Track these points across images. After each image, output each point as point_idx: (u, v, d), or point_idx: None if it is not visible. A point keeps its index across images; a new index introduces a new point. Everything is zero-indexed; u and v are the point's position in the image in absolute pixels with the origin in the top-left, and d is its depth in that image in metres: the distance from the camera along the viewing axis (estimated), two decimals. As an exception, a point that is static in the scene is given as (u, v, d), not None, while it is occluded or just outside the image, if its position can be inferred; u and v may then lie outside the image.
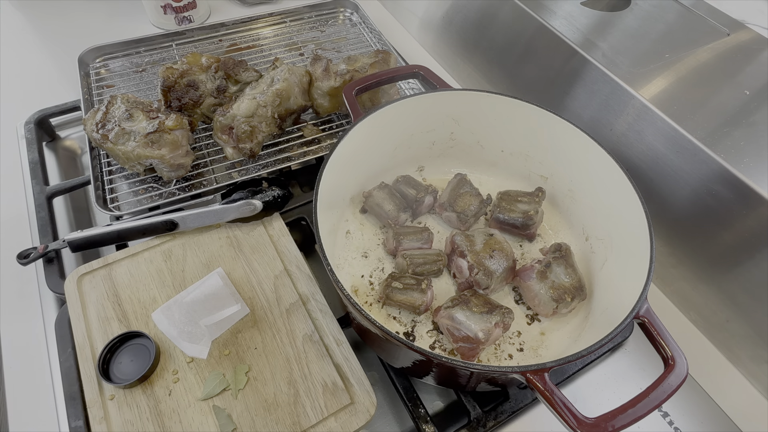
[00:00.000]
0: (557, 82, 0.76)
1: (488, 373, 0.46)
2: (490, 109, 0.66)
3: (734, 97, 0.63)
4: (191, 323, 0.55)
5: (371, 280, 0.63)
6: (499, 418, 0.56)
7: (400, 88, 0.87)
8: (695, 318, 0.67)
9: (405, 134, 0.68)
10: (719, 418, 0.59)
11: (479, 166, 0.74)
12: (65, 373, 0.55)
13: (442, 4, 0.97)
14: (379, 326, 0.44)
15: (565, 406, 0.40)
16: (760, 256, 0.56)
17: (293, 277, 0.62)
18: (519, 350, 0.58)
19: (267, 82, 0.74)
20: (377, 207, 0.66)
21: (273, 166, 0.74)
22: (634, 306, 0.47)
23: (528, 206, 0.65)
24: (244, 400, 0.52)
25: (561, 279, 0.58)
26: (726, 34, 0.72)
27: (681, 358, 0.44)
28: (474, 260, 0.59)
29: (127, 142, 0.67)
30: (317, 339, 0.57)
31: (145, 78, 0.87)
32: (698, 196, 0.60)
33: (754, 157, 0.57)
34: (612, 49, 0.70)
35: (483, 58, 0.91)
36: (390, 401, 0.59)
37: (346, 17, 1.06)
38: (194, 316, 0.56)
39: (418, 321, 0.60)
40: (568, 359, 0.43)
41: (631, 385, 0.61)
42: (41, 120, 0.81)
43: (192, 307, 0.56)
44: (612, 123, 0.69)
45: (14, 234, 0.70)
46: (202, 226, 0.65)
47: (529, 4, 0.78)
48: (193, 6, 1.00)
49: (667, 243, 0.67)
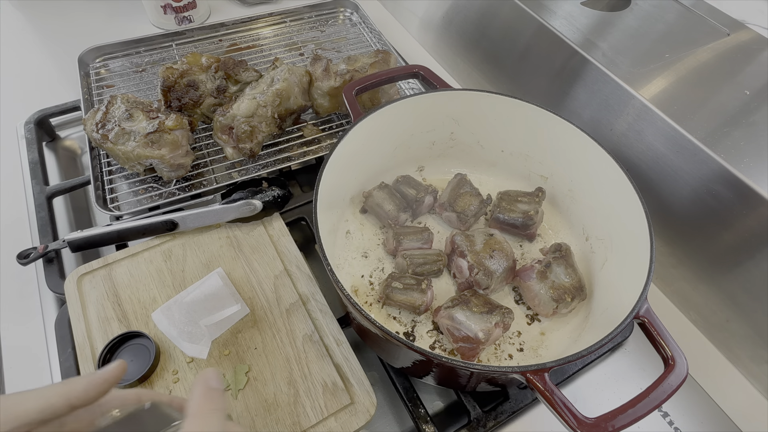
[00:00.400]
0: (557, 82, 0.76)
1: (488, 373, 0.46)
2: (490, 109, 0.66)
3: (734, 97, 0.63)
4: (191, 323, 0.55)
5: (371, 280, 0.63)
6: (499, 418, 0.56)
7: (400, 88, 0.87)
8: (695, 318, 0.67)
9: (405, 134, 0.68)
10: (719, 418, 0.59)
11: (479, 166, 0.74)
12: (65, 373, 0.55)
13: (442, 4, 0.97)
14: (379, 326, 0.44)
15: (565, 406, 0.40)
16: (760, 256, 0.56)
17: (293, 277, 0.62)
18: (519, 350, 0.58)
19: (267, 82, 0.74)
20: (377, 207, 0.66)
21: (273, 166, 0.74)
22: (634, 306, 0.47)
23: (528, 206, 0.65)
24: (244, 400, 0.52)
25: (561, 279, 0.58)
26: (726, 34, 0.72)
27: (681, 358, 0.44)
28: (474, 260, 0.59)
29: (127, 142, 0.67)
30: (317, 339, 0.57)
31: (145, 78, 0.87)
32: (698, 196, 0.60)
33: (754, 157, 0.57)
34: (612, 49, 0.70)
35: (483, 58, 0.91)
36: (390, 401, 0.59)
37: (346, 17, 1.06)
38: (194, 316, 0.56)
39: (418, 321, 0.60)
40: (568, 359, 0.43)
41: (631, 385, 0.61)
42: (41, 120, 0.81)
43: (192, 307, 0.56)
44: (612, 123, 0.69)
45: (14, 234, 0.70)
46: (202, 226, 0.65)
47: (529, 4, 0.78)
48: (193, 6, 1.00)
49: (667, 243, 0.67)
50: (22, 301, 0.64)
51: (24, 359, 0.59)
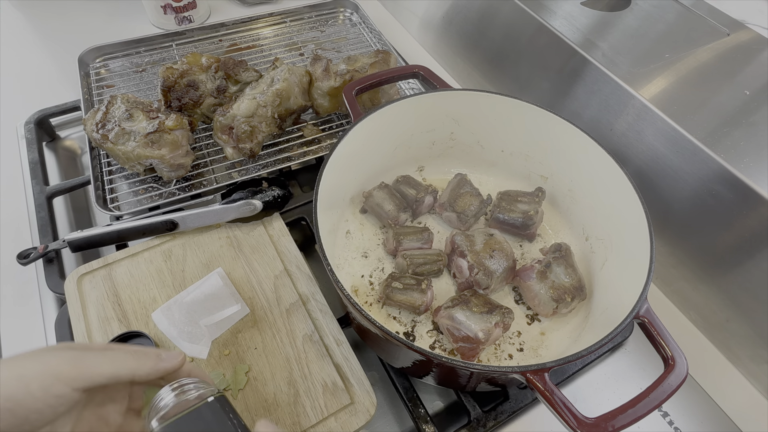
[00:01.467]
0: (557, 82, 0.76)
1: (488, 373, 0.46)
2: (490, 109, 0.66)
3: (734, 97, 0.64)
4: (191, 323, 0.55)
5: (371, 280, 0.63)
6: (499, 418, 0.56)
7: (400, 88, 0.87)
8: (695, 318, 0.67)
9: (405, 134, 0.68)
10: (719, 418, 0.59)
11: (479, 166, 0.74)
12: (65, 373, 0.55)
13: (442, 4, 0.97)
14: (379, 326, 0.44)
15: (565, 406, 0.40)
16: (760, 256, 0.56)
17: (293, 277, 0.62)
18: (519, 350, 0.58)
19: (267, 82, 0.74)
20: (377, 207, 0.66)
21: (273, 166, 0.74)
22: (634, 306, 0.47)
23: (528, 206, 0.65)
24: (244, 400, 0.52)
25: (561, 279, 0.58)
26: (726, 34, 0.72)
27: (681, 358, 0.44)
28: (474, 260, 0.59)
29: (127, 142, 0.67)
30: (317, 339, 0.57)
31: (145, 78, 0.87)
32: (698, 196, 0.60)
33: (754, 157, 0.57)
34: (612, 49, 0.70)
35: (483, 58, 0.91)
36: (390, 401, 0.59)
37: (346, 17, 1.06)
38: (194, 316, 0.56)
39: (418, 321, 0.60)
40: (568, 359, 0.43)
41: (631, 385, 0.61)
42: (41, 120, 0.81)
43: (192, 307, 0.56)
44: (612, 123, 0.69)
45: (14, 234, 0.70)
46: (202, 226, 0.65)
47: (529, 4, 0.78)
48: (193, 6, 1.00)
49: (667, 243, 0.67)
50: (22, 301, 0.64)
51: (24, 359, 0.59)
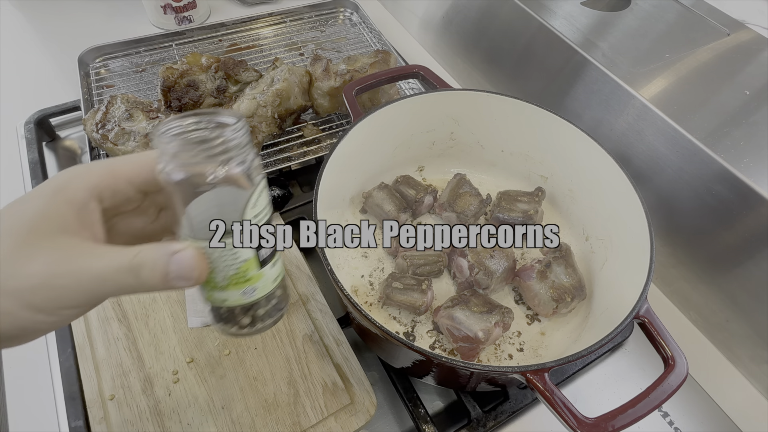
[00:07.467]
0: (557, 82, 0.76)
1: (488, 373, 0.46)
2: (490, 109, 0.66)
3: (734, 97, 0.64)
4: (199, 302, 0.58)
5: (371, 280, 0.63)
6: (499, 418, 0.56)
7: (400, 88, 0.87)
8: (695, 318, 0.67)
9: (405, 134, 0.68)
10: (719, 418, 0.59)
11: (479, 166, 0.74)
12: (65, 373, 0.55)
13: (442, 4, 0.97)
14: (379, 326, 0.44)
15: (565, 406, 0.40)
16: (760, 256, 0.56)
17: (293, 277, 0.62)
18: (519, 350, 0.58)
19: (267, 82, 0.74)
20: (377, 207, 0.66)
21: (273, 166, 0.74)
22: (634, 306, 0.47)
23: (528, 206, 0.65)
24: (245, 400, 0.52)
25: (561, 279, 0.58)
26: (726, 34, 0.72)
27: (681, 358, 0.44)
28: (474, 260, 0.59)
29: (127, 142, 0.67)
30: (317, 339, 0.57)
31: (145, 78, 0.87)
32: (698, 196, 0.60)
33: (754, 157, 0.57)
34: (612, 49, 0.70)
35: (483, 58, 0.91)
36: (390, 401, 0.59)
37: (346, 17, 1.06)
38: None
39: (418, 321, 0.60)
40: (568, 359, 0.43)
41: (631, 385, 0.61)
42: (41, 120, 0.81)
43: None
44: (612, 123, 0.69)
45: (14, 234, 0.70)
46: (202, 226, 0.65)
47: (529, 4, 0.78)
48: (193, 6, 1.00)
49: (667, 243, 0.67)
50: (22, 301, 0.64)
51: (24, 359, 0.59)
